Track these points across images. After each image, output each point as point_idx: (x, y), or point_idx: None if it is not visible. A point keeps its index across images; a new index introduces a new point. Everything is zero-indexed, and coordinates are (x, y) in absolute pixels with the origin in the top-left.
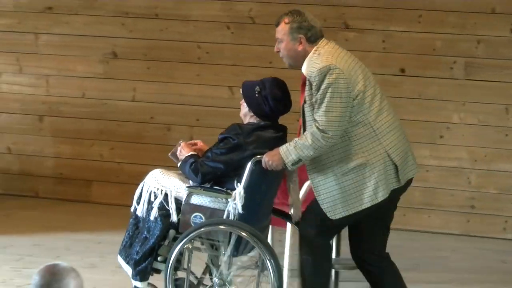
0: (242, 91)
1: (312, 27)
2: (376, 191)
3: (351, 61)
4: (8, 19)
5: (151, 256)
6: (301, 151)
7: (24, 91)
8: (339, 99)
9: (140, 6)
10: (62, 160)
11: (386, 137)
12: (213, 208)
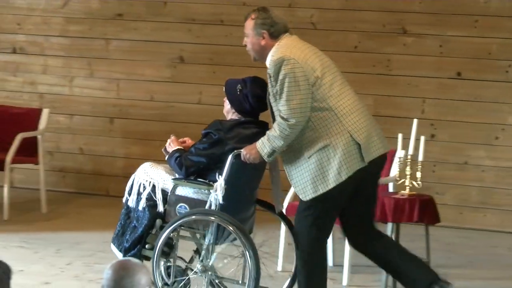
0: (225, 89)
1: (275, 23)
2: (340, 170)
3: (308, 51)
4: (80, 26)
5: (140, 243)
6: (273, 142)
7: (95, 94)
8: (297, 87)
9: (206, 13)
10: (131, 160)
11: (348, 119)
12: (197, 199)
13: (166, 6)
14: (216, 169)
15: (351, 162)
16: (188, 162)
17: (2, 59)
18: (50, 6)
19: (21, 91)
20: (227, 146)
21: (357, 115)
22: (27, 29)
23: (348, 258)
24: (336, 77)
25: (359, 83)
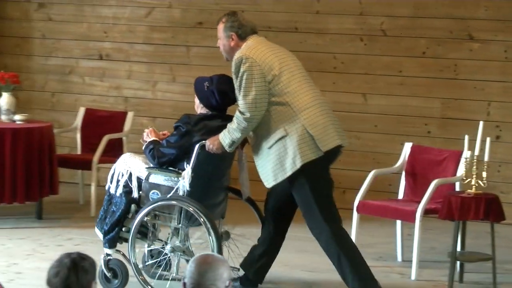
0: (194, 86)
1: (242, 25)
2: (295, 159)
3: (268, 52)
4: (163, 34)
5: (118, 226)
6: (232, 134)
7: (176, 98)
8: (253, 84)
9: (282, 21)
10: None
11: (303, 113)
12: (167, 186)
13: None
14: (185, 159)
15: (305, 152)
16: (159, 153)
17: (89, 65)
18: (135, 15)
19: (107, 95)
20: (194, 138)
21: (312, 110)
22: (113, 37)
23: (417, 254)
24: (294, 75)
25: (427, 87)
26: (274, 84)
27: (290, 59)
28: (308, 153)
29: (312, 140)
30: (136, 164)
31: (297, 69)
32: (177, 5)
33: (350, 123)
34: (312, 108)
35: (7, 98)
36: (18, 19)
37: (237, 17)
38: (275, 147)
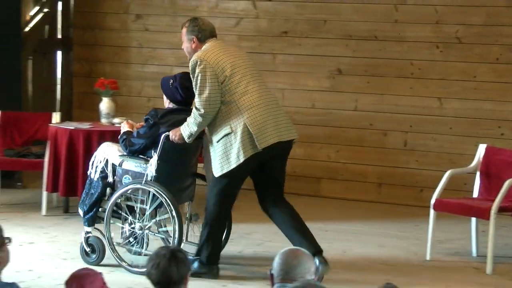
0: (161, 84)
1: (202, 30)
2: (239, 154)
3: (222, 55)
4: (251, 42)
5: (96, 207)
6: (190, 127)
7: None
8: (207, 83)
9: (362, 30)
10: (296, 161)
11: (247, 113)
12: (137, 172)
13: (326, 24)
14: (152, 148)
15: (246, 147)
16: (130, 143)
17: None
18: (225, 25)
19: None
20: (160, 129)
21: (255, 109)
22: None
23: (492, 249)
24: (244, 77)
25: (501, 91)
26: (225, 84)
27: (242, 61)
28: (249, 150)
29: (253, 137)
30: (112, 152)
31: (249, 71)
32: (263, 15)
33: (427, 125)
34: (255, 108)
35: (107, 103)
36: (117, 29)
37: (198, 22)
38: (222, 142)
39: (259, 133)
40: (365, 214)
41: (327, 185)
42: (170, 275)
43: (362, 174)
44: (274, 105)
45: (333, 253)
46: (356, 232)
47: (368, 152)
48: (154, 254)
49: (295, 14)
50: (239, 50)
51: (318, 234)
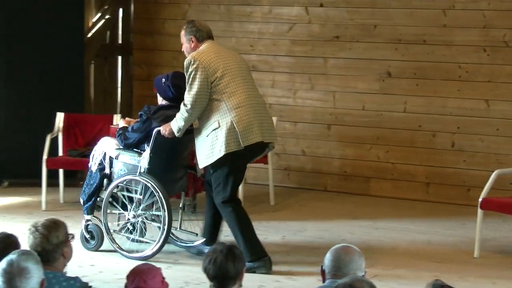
0: (154, 83)
1: (199, 30)
2: (221, 148)
3: (214, 57)
4: (303, 47)
5: (94, 197)
6: (178, 122)
7: (315, 104)
8: (197, 82)
9: (411, 34)
10: (346, 161)
11: (234, 111)
12: (132, 164)
13: (376, 28)
14: (145, 142)
15: (230, 143)
16: (125, 137)
17: None
18: (278, 30)
19: None
20: (153, 124)
21: (242, 109)
22: (258, 50)
23: None
24: (234, 78)
25: None
26: (216, 84)
27: (235, 64)
28: (232, 145)
29: (237, 135)
30: (109, 145)
31: (239, 73)
32: (316, 20)
33: (474, 126)
34: (243, 108)
35: None
36: (175, 35)
37: (195, 23)
38: (210, 136)
39: (244, 132)
40: (413, 212)
41: (377, 184)
42: (226, 270)
43: (410, 173)
44: (261, 107)
45: (382, 250)
46: (405, 230)
47: (416, 152)
48: (211, 250)
49: (346, 19)
50: (233, 53)
51: (368, 231)
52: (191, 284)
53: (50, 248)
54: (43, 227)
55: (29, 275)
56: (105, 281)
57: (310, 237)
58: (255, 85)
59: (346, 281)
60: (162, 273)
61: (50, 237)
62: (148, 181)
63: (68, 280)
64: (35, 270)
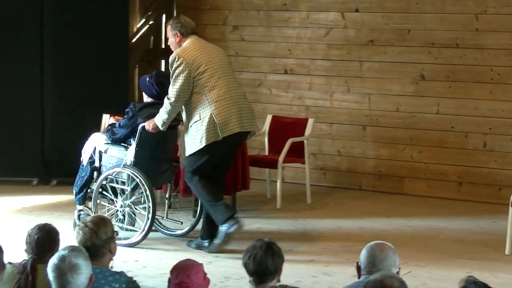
0: (139, 82)
1: (184, 26)
2: (202, 139)
3: (198, 53)
4: (339, 51)
5: (85, 188)
6: (162, 115)
7: (351, 106)
8: (181, 77)
9: (444, 38)
10: (381, 161)
11: (214, 105)
12: (119, 158)
13: (410, 33)
14: (132, 137)
15: (209, 134)
16: (113, 132)
17: (276, 79)
18: (315, 35)
19: (291, 104)
20: (138, 120)
21: (221, 102)
22: (296, 54)
23: None
24: (215, 73)
25: None
26: (198, 78)
27: (217, 59)
28: (211, 137)
29: (216, 127)
30: (99, 141)
31: (220, 68)
32: (351, 25)
33: (506, 127)
34: (222, 101)
35: None
36: (217, 39)
37: (180, 19)
38: (193, 127)
39: (222, 124)
40: (445, 211)
41: (410, 183)
42: (266, 265)
43: (443, 173)
44: (241, 99)
45: (415, 247)
46: (438, 228)
47: (449, 152)
48: (251, 246)
49: (381, 24)
50: (215, 48)
51: (401, 229)
52: (231, 279)
53: (99, 243)
54: (92, 223)
55: (80, 271)
56: (148, 276)
57: (346, 234)
58: (236, 78)
59: (377, 277)
60: (204, 269)
61: (99, 232)
62: (134, 173)
63: (113, 275)
64: (85, 266)
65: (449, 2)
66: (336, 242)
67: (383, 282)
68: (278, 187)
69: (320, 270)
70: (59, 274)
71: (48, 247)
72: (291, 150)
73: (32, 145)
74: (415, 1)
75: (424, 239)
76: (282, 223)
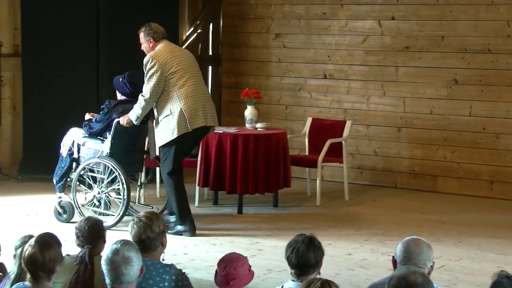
0: (113, 82)
1: (155, 32)
2: (173, 131)
3: (169, 56)
4: (376, 57)
5: (65, 177)
6: (136, 111)
7: (386, 109)
8: (155, 77)
9: (476, 44)
10: (415, 160)
11: (183, 101)
12: (96, 149)
13: (444, 39)
14: (107, 131)
15: (180, 127)
16: (90, 127)
17: (316, 83)
18: (353, 42)
19: (330, 107)
20: (113, 115)
21: (189, 99)
22: (335, 60)
23: None
24: (185, 74)
25: None
26: (169, 78)
27: (186, 61)
28: (182, 129)
29: (186, 120)
30: (77, 134)
31: (189, 69)
32: (388, 33)
33: None
34: (190, 98)
35: (250, 110)
36: (260, 47)
37: (151, 26)
38: (164, 121)
39: (191, 118)
40: (478, 208)
41: (443, 182)
42: (308, 259)
43: (475, 172)
44: (206, 97)
45: (449, 242)
46: (470, 224)
47: (481, 153)
48: (294, 240)
49: (416, 31)
50: (185, 52)
51: (435, 225)
52: (273, 271)
53: (153, 236)
54: (146, 217)
55: (132, 263)
56: (196, 268)
57: (382, 230)
58: (202, 78)
59: (400, 274)
60: (248, 262)
61: (153, 226)
62: (110, 163)
63: (164, 267)
64: (136, 258)
65: (482, 9)
66: (373, 237)
67: (406, 279)
68: (317, 185)
69: (358, 264)
70: (113, 267)
71: (98, 235)
72: (330, 150)
73: None
74: (449, 8)
75: (457, 234)
76: (321, 219)
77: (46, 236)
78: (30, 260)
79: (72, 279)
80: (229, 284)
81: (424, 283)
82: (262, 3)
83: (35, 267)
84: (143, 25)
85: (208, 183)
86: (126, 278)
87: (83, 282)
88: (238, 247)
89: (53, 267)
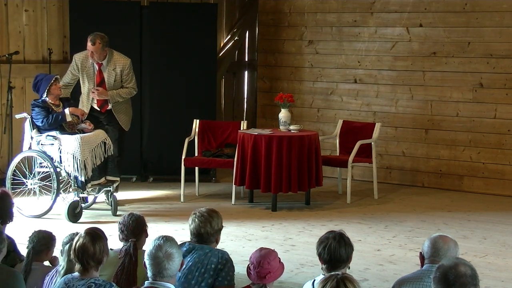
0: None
1: (107, 42)
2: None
3: None
4: (404, 62)
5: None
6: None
7: (414, 112)
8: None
9: (502, 49)
10: (442, 161)
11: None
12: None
13: (470, 45)
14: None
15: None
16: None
17: (346, 88)
18: (382, 48)
19: (359, 110)
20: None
21: None
22: (364, 65)
23: None
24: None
25: None
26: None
27: None
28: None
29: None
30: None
31: None
32: (415, 39)
33: None
34: None
35: (284, 113)
36: (293, 53)
37: (107, 38)
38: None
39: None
40: (503, 206)
41: (469, 181)
42: (339, 254)
43: (500, 172)
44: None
45: (474, 239)
46: (495, 222)
47: (506, 154)
48: (325, 236)
49: (443, 38)
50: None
51: (461, 222)
52: (306, 266)
53: (211, 232)
54: (207, 213)
55: (174, 258)
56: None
57: (410, 227)
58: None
59: (450, 264)
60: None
61: (213, 222)
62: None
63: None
64: (177, 254)
65: (507, 16)
66: (401, 234)
67: (457, 269)
68: (348, 184)
69: (386, 259)
70: (156, 262)
71: (141, 230)
72: (360, 151)
73: (133, 148)
74: (475, 16)
75: (482, 232)
76: (352, 216)
77: (95, 229)
78: (82, 250)
79: (118, 271)
80: (265, 278)
81: (473, 275)
82: (296, 12)
83: (86, 257)
84: (98, 37)
85: (244, 182)
86: (168, 272)
87: (127, 273)
88: (272, 243)
89: (102, 257)
